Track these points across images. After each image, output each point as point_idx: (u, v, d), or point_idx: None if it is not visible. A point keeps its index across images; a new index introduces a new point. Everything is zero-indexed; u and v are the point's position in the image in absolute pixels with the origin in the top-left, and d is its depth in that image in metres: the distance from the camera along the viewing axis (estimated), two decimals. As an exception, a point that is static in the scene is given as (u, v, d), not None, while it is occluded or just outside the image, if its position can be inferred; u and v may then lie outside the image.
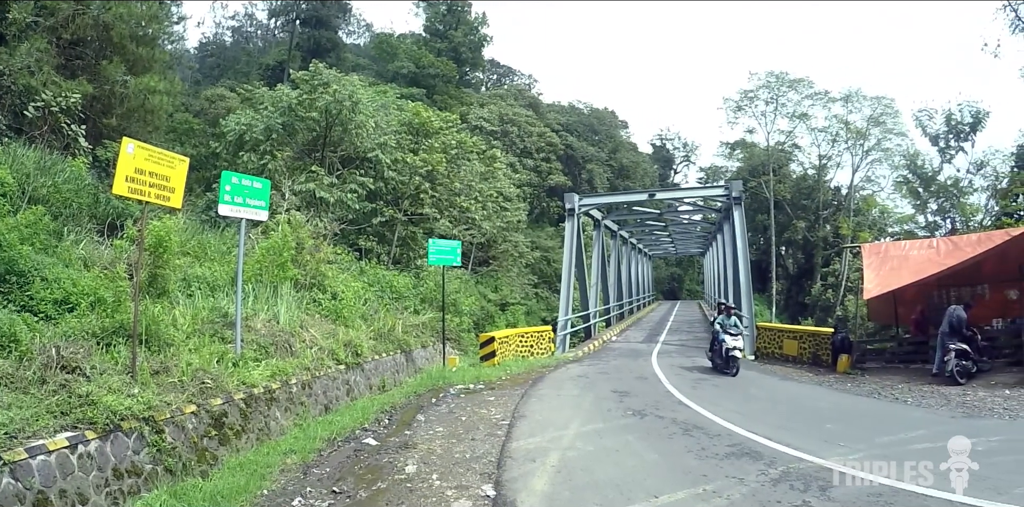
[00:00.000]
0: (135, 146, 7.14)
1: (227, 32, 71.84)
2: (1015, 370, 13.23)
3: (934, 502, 5.36)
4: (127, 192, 7.07)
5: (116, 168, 7.06)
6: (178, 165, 7.75)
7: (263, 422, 8.58)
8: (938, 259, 14.52)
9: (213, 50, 65.74)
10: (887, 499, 5.53)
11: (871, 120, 54.07)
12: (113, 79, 15.91)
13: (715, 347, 15.39)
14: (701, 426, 8.98)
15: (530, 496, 5.91)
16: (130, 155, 7.04)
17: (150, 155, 7.36)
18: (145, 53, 17.56)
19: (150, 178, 7.30)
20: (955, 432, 8.26)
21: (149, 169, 7.29)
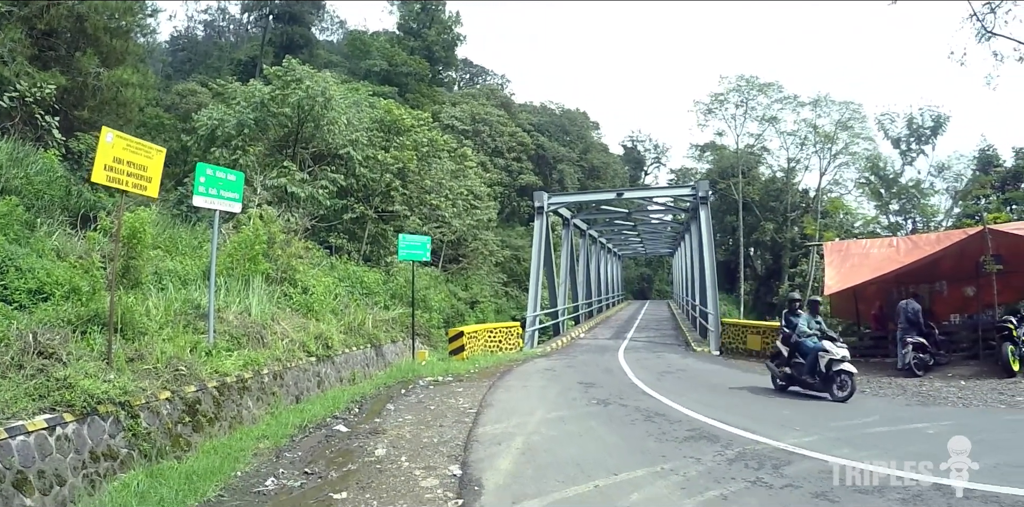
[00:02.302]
0: (114, 135, 7.28)
1: (199, 26, 71.47)
2: (972, 364, 13.74)
3: (884, 479, 5.70)
4: (105, 180, 7.20)
5: (95, 157, 7.19)
6: (155, 155, 7.89)
7: (236, 410, 8.74)
8: (898, 257, 15.04)
9: (185, 44, 65.23)
10: (838, 476, 5.86)
11: (839, 124, 55.05)
12: (86, 71, 15.82)
13: (797, 360, 11.51)
14: (663, 413, 9.31)
15: (495, 474, 6.20)
16: (109, 144, 7.17)
17: (128, 145, 7.50)
18: (119, 45, 17.44)
19: (128, 167, 7.44)
20: (908, 418, 8.78)
21: (127, 158, 7.42)
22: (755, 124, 61.00)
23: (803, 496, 5.35)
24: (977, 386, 11.55)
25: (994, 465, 5.92)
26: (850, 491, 5.45)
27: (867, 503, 5.13)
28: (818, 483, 5.68)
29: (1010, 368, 12.20)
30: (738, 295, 56.77)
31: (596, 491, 5.65)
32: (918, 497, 5.18)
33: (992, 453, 6.35)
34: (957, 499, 5.05)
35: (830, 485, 5.62)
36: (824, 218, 52.66)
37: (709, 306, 21.61)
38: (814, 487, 5.56)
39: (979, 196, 24.80)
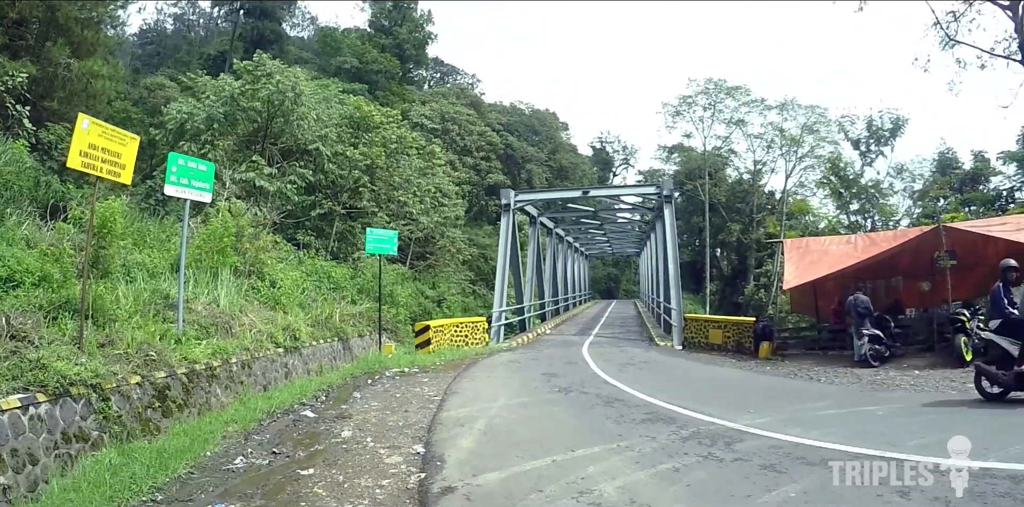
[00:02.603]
0: (90, 122, 7.42)
1: (168, 19, 70.53)
2: (927, 355, 14.28)
3: (828, 452, 6.07)
4: (80, 166, 7.34)
5: (69, 144, 7.33)
6: (129, 143, 8.03)
7: (204, 398, 8.90)
8: (855, 253, 15.58)
9: (154, 38, 64.37)
10: (786, 451, 6.25)
11: (805, 128, 55.97)
12: (57, 61, 15.78)
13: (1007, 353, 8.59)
14: (622, 399, 9.69)
15: (457, 451, 6.50)
16: (84, 130, 7.32)
17: (103, 131, 7.64)
18: (90, 36, 17.40)
19: (102, 154, 7.57)
20: (860, 402, 9.26)
21: (102, 145, 7.56)
22: (722, 126, 61.80)
23: (752, 468, 5.70)
24: (930, 375, 12.03)
25: (939, 441, 6.25)
26: (798, 464, 5.78)
27: (813, 473, 5.47)
28: (767, 457, 6.03)
29: (963, 358, 12.74)
30: (704, 295, 57.47)
31: (554, 465, 5.96)
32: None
33: (938, 431, 6.77)
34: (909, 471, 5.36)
35: (778, 458, 5.97)
36: (790, 220, 53.74)
37: (672, 302, 22.05)
38: (763, 460, 5.91)
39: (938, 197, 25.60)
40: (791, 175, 58.19)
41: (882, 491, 4.90)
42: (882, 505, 4.57)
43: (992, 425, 7.38)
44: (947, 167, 30.80)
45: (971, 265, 15.93)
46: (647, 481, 5.42)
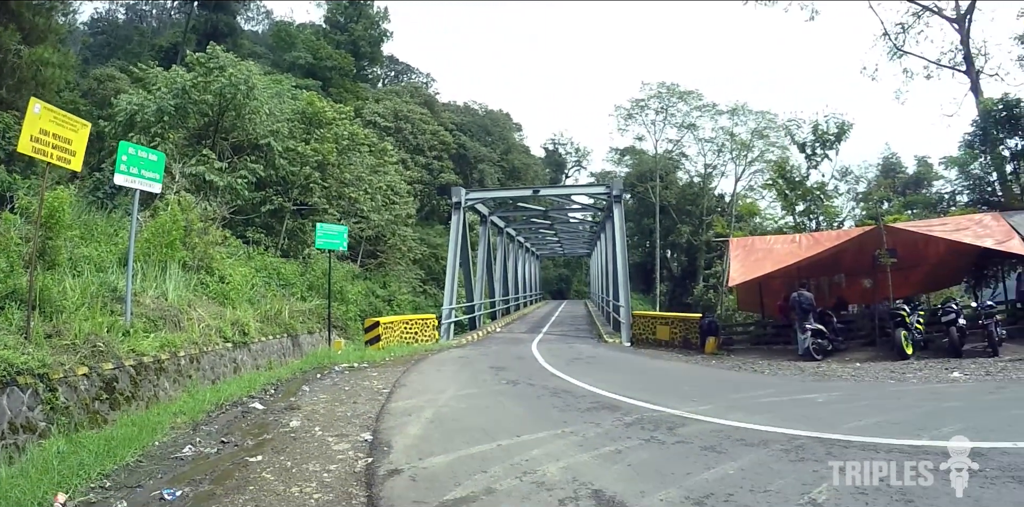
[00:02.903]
0: (41, 107, 7.41)
1: (120, 9, 68.52)
2: (869, 349, 14.87)
3: (768, 434, 6.46)
4: (31, 151, 7.33)
5: (21, 128, 7.31)
6: (80, 129, 8.03)
7: (152, 391, 8.93)
8: (800, 252, 16.16)
9: (105, 27, 62.62)
10: (727, 434, 6.59)
11: (755, 133, 57.35)
12: (7, 47, 15.41)
13: None
14: (569, 390, 9.96)
15: (404, 438, 6.70)
16: (36, 115, 7.31)
17: (55, 117, 7.63)
18: (41, 23, 17.01)
19: (53, 140, 7.58)
20: (801, 391, 9.71)
21: (53, 131, 7.56)
22: (674, 130, 63.05)
23: (693, 449, 6.01)
24: (871, 367, 12.53)
25: (875, 423, 6.82)
26: (738, 445, 6.11)
27: (752, 453, 5.79)
28: (708, 439, 6.35)
29: (903, 351, 13.36)
30: (655, 296, 58.34)
31: (499, 448, 6.20)
32: (801, 447, 5.88)
33: (876, 414, 7.31)
34: (843, 450, 5.75)
35: (719, 441, 6.29)
36: (739, 222, 54.88)
37: (621, 299, 22.39)
38: (704, 443, 6.23)
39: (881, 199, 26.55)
40: (740, 179, 59.58)
41: (818, 467, 5.23)
42: (818, 480, 4.89)
43: (928, 408, 7.86)
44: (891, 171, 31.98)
45: (913, 264, 16.69)
46: (590, 462, 5.67)
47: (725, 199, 62.99)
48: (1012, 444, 5.50)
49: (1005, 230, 14.60)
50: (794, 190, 27.01)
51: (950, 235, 15.01)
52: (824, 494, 4.55)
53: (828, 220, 26.86)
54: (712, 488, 4.79)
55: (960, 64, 26.62)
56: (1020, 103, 21.35)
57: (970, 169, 24.52)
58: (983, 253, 15.95)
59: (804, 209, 27.19)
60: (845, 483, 4.82)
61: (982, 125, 22.63)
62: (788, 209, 28.16)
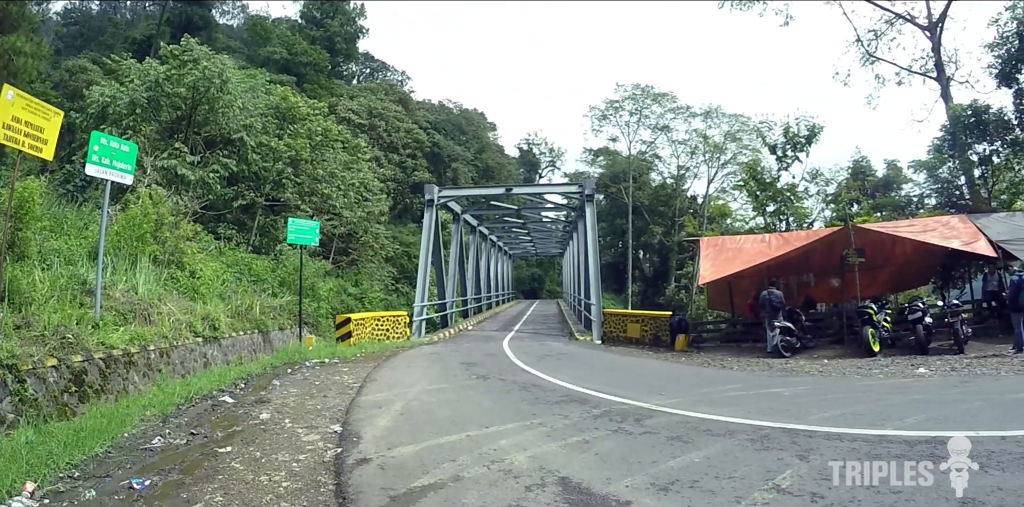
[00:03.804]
0: (14, 94, 7.35)
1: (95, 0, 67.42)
2: (837, 347, 15.23)
3: (734, 425, 6.66)
4: (2, 139, 7.25)
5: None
6: (53, 117, 7.98)
7: (122, 384, 8.90)
8: (769, 251, 16.46)
9: (78, 18, 61.51)
10: (693, 425, 6.77)
11: (728, 136, 57.96)
12: (-22, 36, 15.22)
13: None
14: (538, 385, 10.13)
15: (374, 429, 6.80)
16: (8, 102, 7.25)
17: (28, 104, 7.58)
18: (14, 10, 16.72)
19: (26, 127, 7.52)
20: (768, 385, 9.94)
21: (26, 119, 7.51)
22: (648, 132, 63.50)
23: (659, 439, 6.18)
24: (839, 363, 12.86)
25: (841, 414, 7.06)
26: (704, 435, 6.29)
27: (718, 442, 5.96)
28: (675, 430, 6.53)
29: (871, 349, 13.72)
30: (627, 296, 58.68)
31: (467, 439, 6.33)
32: (766, 437, 6.07)
33: (842, 407, 7.55)
34: (808, 439, 5.94)
35: (686, 431, 6.46)
36: (711, 223, 55.49)
37: (592, 297, 22.58)
38: (671, 433, 6.41)
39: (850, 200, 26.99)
40: (713, 181, 60.17)
41: (782, 455, 5.41)
42: (783, 467, 5.06)
43: (893, 400, 8.13)
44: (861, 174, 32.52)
45: (881, 264, 17.10)
46: (557, 451, 5.81)
47: (698, 200, 63.51)
48: (972, 433, 5.70)
49: (972, 232, 14.99)
50: (764, 191, 27.38)
51: (917, 236, 15.38)
52: (788, 480, 4.71)
53: (798, 221, 27.24)
54: (678, 475, 4.94)
55: (931, 71, 27.18)
56: (989, 109, 21.85)
57: (938, 173, 25.12)
58: (950, 254, 16.37)
59: (775, 210, 27.57)
60: (809, 468, 4.98)
61: (951, 130, 23.15)
62: (759, 210, 28.52)
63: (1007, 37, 21.41)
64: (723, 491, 4.54)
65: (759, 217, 29.25)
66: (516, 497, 4.52)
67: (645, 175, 67.28)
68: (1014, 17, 21.06)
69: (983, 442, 5.38)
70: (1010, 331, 13.03)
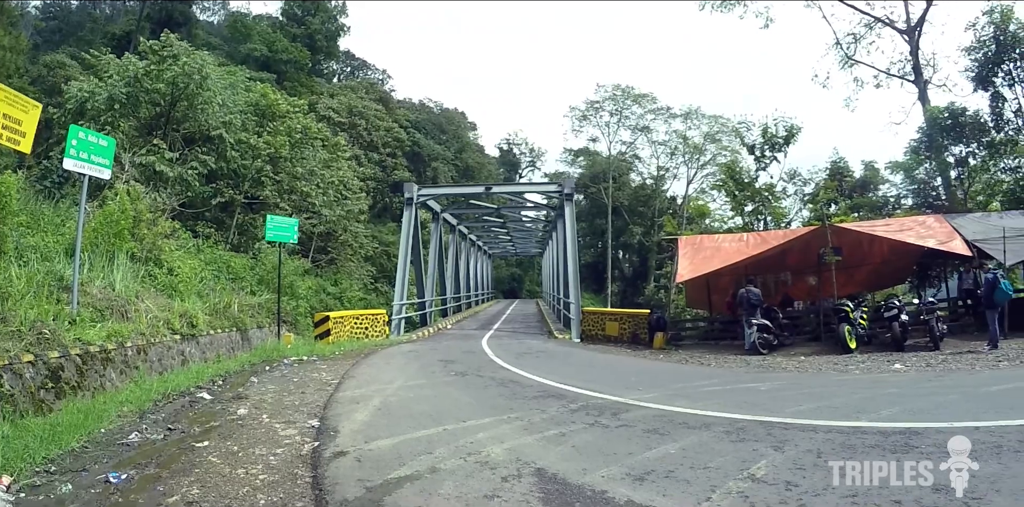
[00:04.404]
0: (-8, 86, 7.36)
1: (74, -7, 66.37)
2: (814, 344, 15.53)
3: (710, 419, 6.78)
4: (-20, 131, 7.27)
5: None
6: (32, 110, 7.96)
7: (99, 381, 8.86)
8: (747, 250, 16.69)
9: (57, 13, 60.54)
10: (670, 418, 6.89)
11: (708, 137, 58.35)
12: (-44, 27, 15.04)
13: None
14: (516, 381, 10.25)
15: (351, 424, 6.86)
16: (-14, 94, 7.25)
17: (6, 96, 7.55)
18: (-7, 4, 16.58)
19: (4, 120, 7.51)
20: (745, 380, 10.13)
21: (3, 111, 7.49)
22: (628, 132, 63.81)
23: (635, 432, 6.29)
24: (815, 360, 13.12)
25: (816, 407, 7.22)
26: (680, 428, 6.41)
27: (694, 435, 6.07)
28: (651, 423, 6.64)
29: (847, 345, 13.97)
30: (606, 296, 58.98)
31: (445, 432, 6.40)
32: (741, 430, 6.19)
33: (816, 400, 7.72)
34: (783, 431, 6.07)
35: (662, 424, 6.58)
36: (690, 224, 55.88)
37: (571, 296, 22.74)
38: (647, 426, 6.51)
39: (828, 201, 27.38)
40: (692, 181, 60.54)
41: (758, 446, 5.53)
42: (758, 457, 5.18)
43: (868, 394, 8.30)
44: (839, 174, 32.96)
45: (858, 263, 17.39)
46: (534, 444, 5.91)
47: (677, 201, 63.78)
48: (946, 424, 5.90)
49: (947, 231, 15.30)
50: (743, 191, 27.71)
51: (894, 235, 15.67)
52: (763, 470, 4.82)
53: (776, 221, 27.59)
54: (653, 466, 5.04)
55: (909, 74, 27.70)
56: (965, 112, 22.29)
57: (915, 174, 25.56)
58: (927, 253, 16.67)
59: (753, 210, 27.90)
60: (784, 459, 5.11)
61: (928, 132, 23.58)
62: (737, 210, 28.84)
63: (984, 41, 21.86)
64: (698, 480, 4.64)
65: (737, 217, 29.56)
66: (492, 488, 4.60)
67: (625, 175, 67.61)
68: (991, 21, 21.52)
69: (957, 433, 5.47)
70: (985, 328, 13.33)
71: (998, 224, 15.28)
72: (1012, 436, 5.36)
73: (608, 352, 16.49)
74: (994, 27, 21.48)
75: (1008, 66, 21.37)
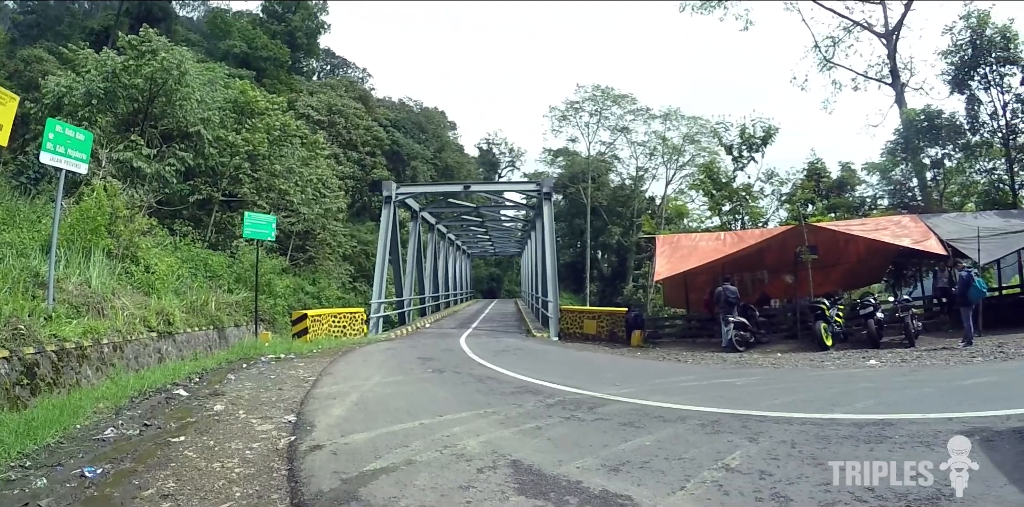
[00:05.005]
0: (-31, 78, 7.34)
1: (52, -13, 65.45)
2: (791, 342, 15.76)
3: (685, 412, 6.91)
4: (-45, 123, 7.24)
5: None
6: (8, 102, 7.91)
7: (75, 378, 8.83)
8: (724, 249, 16.90)
9: (34, 6, 59.72)
10: (646, 412, 7.01)
11: (687, 138, 58.64)
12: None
13: None
14: (494, 377, 10.36)
15: (328, 418, 6.91)
16: (-38, 85, 7.22)
17: None
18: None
19: (-20, 112, 7.47)
20: (722, 376, 10.32)
21: (-21, 103, 7.45)
22: (607, 133, 63.91)
23: (611, 425, 6.39)
24: (792, 357, 13.33)
25: (791, 401, 7.39)
26: (656, 421, 6.52)
27: (669, 427, 6.18)
28: (627, 417, 6.76)
29: (823, 342, 14.21)
30: (585, 295, 59.20)
31: (421, 426, 6.47)
32: (716, 422, 6.31)
33: (791, 394, 7.89)
34: (758, 423, 6.19)
35: (638, 418, 6.69)
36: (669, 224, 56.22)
37: (550, 294, 22.86)
38: (623, 420, 6.63)
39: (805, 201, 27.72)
40: (671, 182, 60.89)
41: (732, 438, 5.64)
42: (732, 448, 5.29)
43: (843, 388, 8.48)
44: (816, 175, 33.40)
45: (834, 262, 17.67)
46: (510, 437, 5.99)
47: (656, 201, 64.15)
48: (920, 415, 6.07)
49: (922, 231, 15.59)
50: (720, 191, 27.99)
51: (870, 234, 15.94)
52: (737, 460, 4.92)
53: (753, 220, 27.88)
54: (628, 457, 5.14)
55: (887, 77, 28.17)
56: (941, 114, 22.65)
57: (891, 175, 25.94)
58: (902, 253, 16.96)
59: (730, 209, 28.18)
60: (759, 449, 5.22)
61: (904, 134, 23.94)
62: (715, 209, 29.11)
63: (960, 45, 22.23)
64: (672, 471, 4.74)
65: (715, 217, 29.83)
66: (467, 479, 4.67)
67: (604, 176, 67.94)
68: (968, 26, 21.88)
69: (931, 423, 5.72)
70: (960, 326, 13.61)
71: (972, 224, 15.58)
72: (984, 427, 5.50)
73: (586, 350, 16.60)
74: (971, 31, 21.85)
75: (984, 70, 21.75)
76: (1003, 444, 5.00)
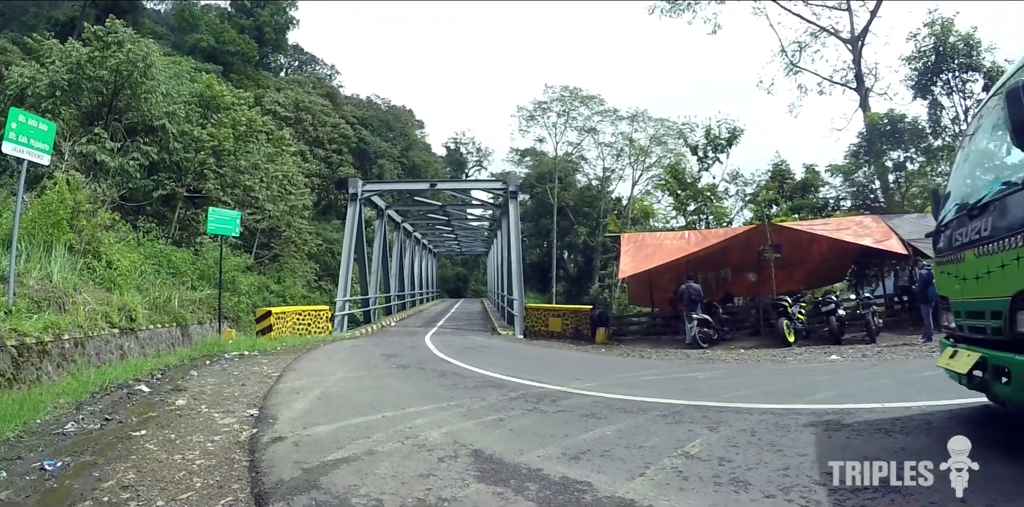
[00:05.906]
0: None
1: (17, -23, 63.97)
2: (754, 338, 16.11)
3: (647, 404, 7.08)
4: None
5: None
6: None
7: (35, 374, 8.78)
8: (688, 247, 17.17)
9: (-2, -5, 58.40)
10: (607, 404, 7.17)
11: (653, 139, 59.10)
12: None
13: None
14: (458, 373, 10.49)
15: (290, 412, 6.98)
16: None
17: None
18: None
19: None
20: (684, 371, 10.56)
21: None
22: (575, 133, 64.17)
23: (574, 416, 6.54)
24: (755, 353, 13.64)
25: (752, 393, 7.63)
26: (617, 412, 6.67)
27: (630, 418, 6.33)
28: (589, 409, 6.90)
29: (786, 339, 14.55)
30: (551, 295, 59.36)
31: (383, 419, 6.57)
32: (677, 413, 6.48)
33: (753, 387, 8.13)
34: (719, 413, 6.36)
35: (599, 409, 6.84)
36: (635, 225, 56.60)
37: (515, 292, 22.97)
38: (585, 411, 6.77)
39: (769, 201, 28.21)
40: (638, 183, 61.34)
41: (693, 427, 5.79)
42: (692, 437, 5.43)
43: (804, 381, 8.75)
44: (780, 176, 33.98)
45: (797, 261, 18.05)
46: (472, 428, 6.11)
47: (622, 202, 64.50)
48: (879, 405, 6.29)
49: (884, 230, 16.02)
50: (685, 190, 28.41)
51: (832, 233, 16.35)
52: (697, 448, 5.06)
53: (717, 220, 28.32)
54: (589, 446, 5.26)
55: (851, 82, 28.89)
56: (904, 119, 23.26)
57: (855, 177, 26.55)
58: (864, 252, 17.38)
59: (695, 209, 28.61)
60: (719, 438, 5.37)
61: (868, 137, 24.55)
62: (680, 209, 29.52)
63: (924, 51, 22.87)
64: (632, 458, 4.85)
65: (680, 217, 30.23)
66: (428, 467, 4.77)
67: (571, 176, 68.08)
68: (932, 33, 22.52)
69: (889, 412, 5.93)
70: (920, 323, 14.06)
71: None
72: (941, 415, 5.75)
73: (551, 347, 16.79)
74: (934, 38, 22.50)
75: (947, 76, 22.41)
76: (958, 428, 5.17)
